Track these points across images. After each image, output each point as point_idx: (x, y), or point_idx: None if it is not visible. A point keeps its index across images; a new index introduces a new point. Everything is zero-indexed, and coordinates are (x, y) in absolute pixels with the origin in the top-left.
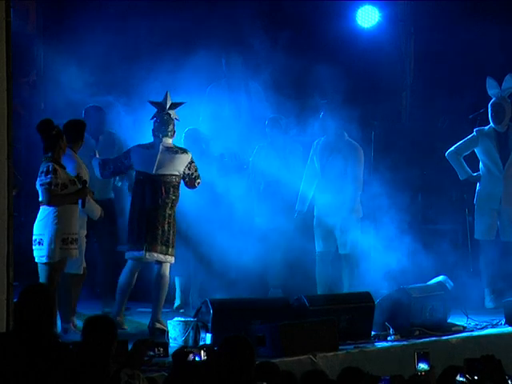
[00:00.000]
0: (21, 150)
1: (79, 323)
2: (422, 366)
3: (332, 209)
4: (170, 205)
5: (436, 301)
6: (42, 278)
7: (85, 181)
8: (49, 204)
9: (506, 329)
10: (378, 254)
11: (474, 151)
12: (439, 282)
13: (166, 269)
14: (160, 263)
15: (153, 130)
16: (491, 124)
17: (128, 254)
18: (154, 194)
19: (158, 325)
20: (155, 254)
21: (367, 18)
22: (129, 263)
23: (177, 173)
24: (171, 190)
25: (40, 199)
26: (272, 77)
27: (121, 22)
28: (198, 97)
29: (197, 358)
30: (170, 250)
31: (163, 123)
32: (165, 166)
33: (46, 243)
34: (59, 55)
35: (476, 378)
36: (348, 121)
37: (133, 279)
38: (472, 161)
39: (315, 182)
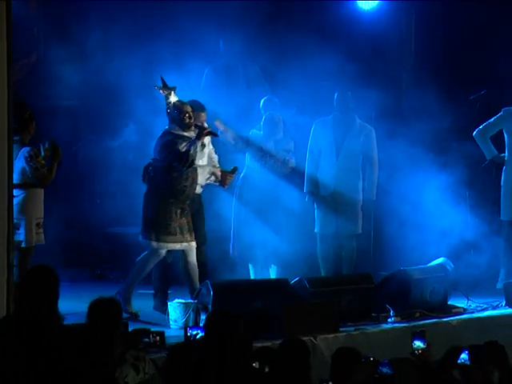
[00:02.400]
0: None
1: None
2: (418, 343)
3: (347, 190)
4: (151, 188)
5: (436, 283)
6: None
7: (54, 144)
8: (45, 186)
9: (507, 310)
10: (384, 237)
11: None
12: (440, 264)
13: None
14: None
15: None
16: None
17: None
18: None
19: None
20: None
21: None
22: None
23: (157, 156)
24: (154, 174)
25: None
26: (270, 59)
27: (121, 4)
28: (196, 79)
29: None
30: (148, 234)
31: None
32: (153, 151)
33: (23, 228)
34: (60, 36)
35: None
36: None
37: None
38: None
39: (319, 161)
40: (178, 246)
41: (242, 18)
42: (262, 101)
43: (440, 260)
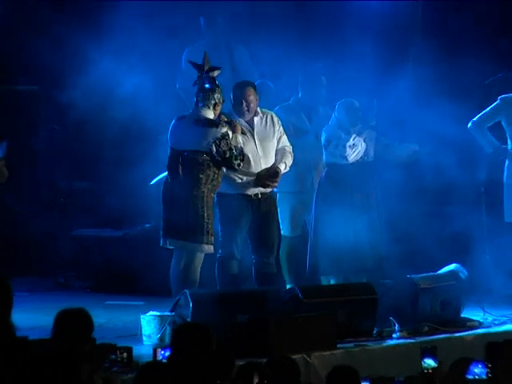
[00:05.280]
0: None
1: None
2: (429, 362)
3: None
4: (194, 184)
5: (448, 292)
6: None
7: None
8: None
9: None
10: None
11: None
12: (451, 271)
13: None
14: None
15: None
16: None
17: None
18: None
19: None
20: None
21: None
22: None
23: (202, 149)
24: (195, 168)
25: None
26: (259, 38)
27: None
28: (173, 62)
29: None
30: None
31: (201, 91)
32: (189, 140)
33: None
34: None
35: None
36: (351, 89)
37: None
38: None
39: None
40: (212, 249)
41: None
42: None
43: (452, 267)
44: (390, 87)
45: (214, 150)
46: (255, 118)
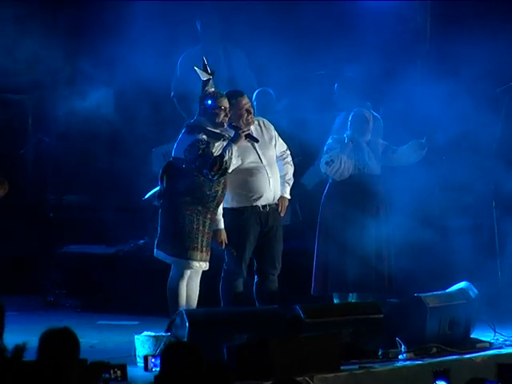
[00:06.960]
0: None
1: None
2: None
3: None
4: (168, 194)
5: (457, 312)
6: None
7: None
8: None
9: None
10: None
11: None
12: (461, 290)
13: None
14: None
15: None
16: None
17: None
18: None
19: None
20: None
21: None
22: None
23: (180, 156)
24: (176, 176)
25: None
26: (257, 42)
27: None
28: (170, 68)
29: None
30: (167, 247)
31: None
32: (175, 147)
33: None
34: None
35: None
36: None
37: None
38: None
39: None
40: (204, 266)
41: None
42: (255, 93)
43: (461, 285)
44: (398, 92)
45: (186, 156)
46: (251, 128)
